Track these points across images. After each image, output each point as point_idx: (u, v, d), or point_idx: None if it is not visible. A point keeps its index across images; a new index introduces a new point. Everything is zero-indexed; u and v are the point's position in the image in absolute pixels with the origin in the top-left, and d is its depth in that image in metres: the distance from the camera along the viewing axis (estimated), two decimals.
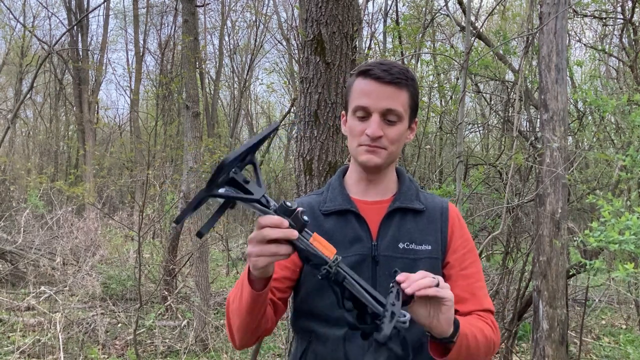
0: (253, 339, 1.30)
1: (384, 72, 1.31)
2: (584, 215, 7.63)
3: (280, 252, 1.04)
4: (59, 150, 19.26)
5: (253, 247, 1.05)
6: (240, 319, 1.23)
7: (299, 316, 1.40)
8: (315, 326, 1.34)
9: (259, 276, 1.13)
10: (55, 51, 10.94)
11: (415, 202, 1.37)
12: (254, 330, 1.26)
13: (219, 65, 18.26)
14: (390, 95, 1.31)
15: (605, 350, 6.02)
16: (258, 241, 1.04)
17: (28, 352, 5.30)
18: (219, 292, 8.43)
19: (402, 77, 1.32)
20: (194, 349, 5.78)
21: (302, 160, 2.68)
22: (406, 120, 1.35)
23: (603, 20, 8.37)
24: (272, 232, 1.01)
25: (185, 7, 7.11)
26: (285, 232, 1.01)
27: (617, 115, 5.69)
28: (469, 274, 1.35)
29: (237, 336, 1.28)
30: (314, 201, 1.41)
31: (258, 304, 1.19)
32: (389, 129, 1.32)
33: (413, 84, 1.35)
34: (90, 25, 18.65)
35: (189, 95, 6.81)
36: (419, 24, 7.54)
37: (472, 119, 10.44)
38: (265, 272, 1.12)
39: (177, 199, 7.80)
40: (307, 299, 1.35)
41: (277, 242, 1.03)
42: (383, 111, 1.30)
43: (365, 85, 1.32)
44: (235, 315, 1.24)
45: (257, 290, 1.16)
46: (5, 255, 8.19)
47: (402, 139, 1.37)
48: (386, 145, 1.32)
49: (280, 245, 1.04)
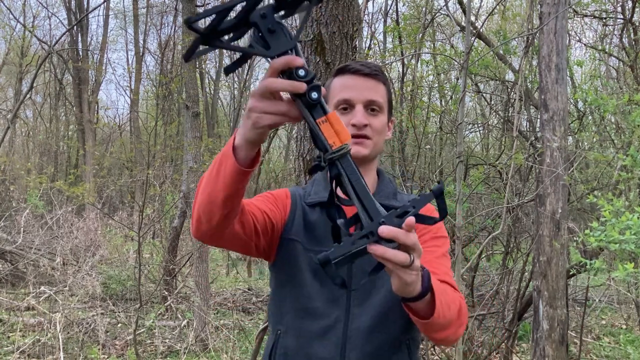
0: (214, 231, 1.08)
1: (362, 66, 1.35)
2: (584, 215, 7.62)
3: (290, 114, 0.89)
4: (58, 150, 19.26)
5: (257, 101, 0.89)
6: (206, 194, 1.03)
7: (274, 301, 1.35)
8: (290, 317, 1.29)
9: (252, 139, 0.94)
10: (55, 51, 10.93)
11: (392, 201, 1.38)
12: (221, 218, 1.05)
13: (219, 65, 18.27)
14: (371, 87, 1.34)
15: (605, 350, 6.02)
16: (262, 95, 0.89)
17: (28, 352, 5.29)
18: (219, 292, 8.43)
19: (378, 71, 1.36)
20: (194, 349, 5.78)
21: (302, 160, 2.68)
22: (386, 113, 1.38)
23: (603, 20, 8.37)
24: (277, 82, 0.87)
25: (185, 7, 7.12)
26: (293, 84, 0.86)
27: (618, 115, 5.69)
28: (431, 250, 1.29)
29: (195, 216, 1.07)
30: (300, 192, 1.40)
31: (235, 185, 0.99)
32: (373, 118, 1.34)
33: (387, 81, 1.40)
34: (90, 25, 18.66)
35: (189, 95, 6.81)
36: (419, 24, 7.55)
37: (472, 119, 10.43)
38: (259, 138, 0.94)
39: (177, 199, 7.80)
40: (286, 283, 1.30)
41: (288, 103, 0.90)
42: (366, 102, 1.33)
43: (346, 80, 1.35)
44: (202, 191, 1.04)
45: (240, 164, 0.97)
46: (5, 255, 8.19)
47: (384, 132, 1.38)
48: (371, 134, 1.33)
49: (291, 105, 0.89)
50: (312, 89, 0.85)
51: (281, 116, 0.89)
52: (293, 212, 1.34)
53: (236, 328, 6.37)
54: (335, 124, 0.86)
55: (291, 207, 1.35)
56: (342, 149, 0.86)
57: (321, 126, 0.86)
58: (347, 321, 1.26)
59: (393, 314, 1.26)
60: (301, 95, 0.86)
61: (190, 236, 7.50)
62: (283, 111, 0.89)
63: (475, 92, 8.47)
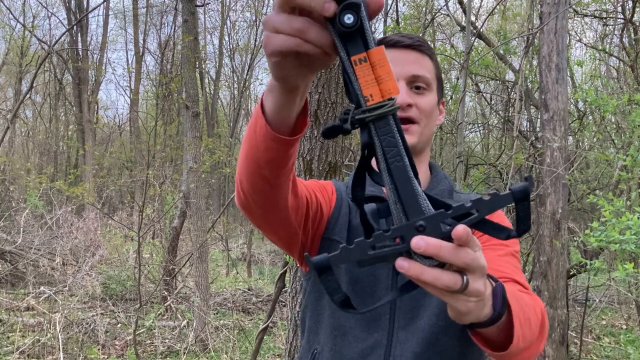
0: (257, 197, 0.86)
1: (402, 37, 1.12)
2: (585, 215, 7.62)
3: (307, 35, 0.59)
4: (58, 150, 19.26)
5: (273, 14, 0.61)
6: (244, 153, 0.83)
7: (311, 315, 1.12)
8: (325, 335, 1.08)
9: (277, 76, 0.67)
10: (54, 51, 10.93)
11: (446, 199, 1.12)
12: (263, 182, 0.83)
13: (219, 65, 18.27)
14: (415, 60, 1.10)
15: (605, 350, 6.01)
16: (281, 6, 0.60)
17: (28, 352, 5.29)
18: (218, 292, 8.42)
19: (422, 42, 1.13)
20: (193, 349, 5.77)
21: (302, 160, 2.67)
22: (435, 92, 1.13)
23: (603, 20, 8.36)
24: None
25: (185, 7, 7.10)
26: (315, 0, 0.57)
27: (618, 115, 5.68)
28: (495, 248, 1.03)
29: (237, 178, 0.88)
30: (343, 188, 1.16)
31: (273, 152, 0.77)
32: (419, 97, 1.09)
33: (434, 55, 1.15)
34: (89, 25, 18.65)
35: (189, 95, 6.80)
36: (419, 23, 7.53)
37: (472, 119, 10.42)
38: (281, 73, 0.66)
39: (177, 199, 7.79)
40: (324, 294, 0.98)
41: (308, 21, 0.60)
42: (409, 78, 1.09)
43: None
44: (241, 149, 0.84)
45: (273, 128, 0.74)
46: (4, 256, 8.18)
47: (434, 115, 1.13)
48: (418, 117, 1.08)
49: (314, 26, 0.59)
50: (346, 7, 0.57)
51: (295, 38, 0.59)
52: (338, 209, 1.10)
53: (236, 328, 6.36)
54: (379, 66, 0.58)
55: (336, 202, 1.11)
56: (383, 105, 0.58)
57: (356, 67, 0.58)
58: (389, 347, 1.03)
59: (445, 336, 1.01)
60: (332, 20, 0.58)
61: (190, 236, 7.51)
62: (297, 28, 0.59)
63: (476, 92, 8.47)
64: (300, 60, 0.62)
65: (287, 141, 0.76)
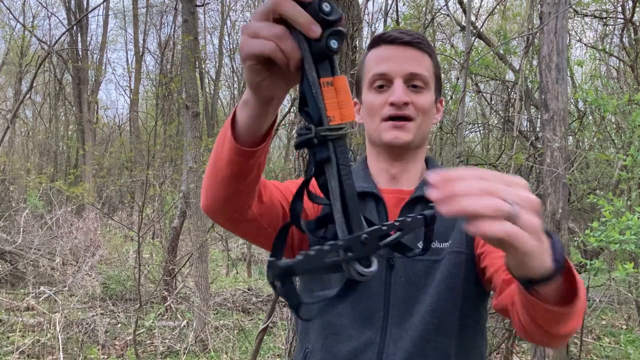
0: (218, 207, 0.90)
1: (401, 33, 1.11)
2: (585, 215, 7.62)
3: (283, 44, 0.61)
4: (58, 150, 19.26)
5: (254, 20, 0.64)
6: (211, 176, 0.87)
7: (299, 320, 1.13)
8: (316, 334, 1.08)
9: (249, 81, 0.69)
10: (54, 51, 10.92)
11: None
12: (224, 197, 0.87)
13: (219, 65, 18.26)
14: (413, 58, 1.10)
15: (605, 350, 6.01)
16: (264, 14, 0.62)
17: (27, 352, 5.29)
18: (218, 293, 8.42)
19: (422, 39, 1.12)
20: (193, 349, 5.77)
21: (302, 160, 2.67)
22: (432, 91, 1.13)
23: (603, 20, 8.36)
24: (288, 5, 0.60)
25: (185, 7, 7.10)
26: (306, 18, 0.59)
27: (618, 115, 5.68)
28: (496, 250, 0.95)
29: (204, 194, 0.90)
30: None
31: (236, 165, 0.80)
32: (416, 96, 1.09)
33: (434, 53, 1.14)
34: (89, 25, 18.65)
35: (189, 95, 6.80)
36: (419, 23, 7.53)
37: (472, 119, 10.43)
38: (254, 79, 0.68)
39: (176, 199, 7.79)
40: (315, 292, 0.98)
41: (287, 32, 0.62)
42: (406, 75, 1.09)
43: (382, 52, 1.11)
44: (207, 171, 0.88)
45: (239, 143, 0.77)
46: (4, 256, 8.18)
47: (431, 113, 1.13)
48: (414, 115, 1.08)
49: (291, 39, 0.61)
50: (333, 34, 0.61)
51: (271, 43, 0.61)
52: None
53: (236, 328, 6.36)
54: (342, 92, 0.63)
55: None
56: (342, 127, 0.62)
57: (323, 89, 0.62)
58: (382, 344, 1.02)
59: (440, 335, 1.01)
60: (313, 40, 0.61)
61: (191, 236, 7.52)
62: (276, 34, 0.61)
63: (476, 92, 8.47)
64: (273, 70, 0.65)
65: (249, 152, 0.79)
